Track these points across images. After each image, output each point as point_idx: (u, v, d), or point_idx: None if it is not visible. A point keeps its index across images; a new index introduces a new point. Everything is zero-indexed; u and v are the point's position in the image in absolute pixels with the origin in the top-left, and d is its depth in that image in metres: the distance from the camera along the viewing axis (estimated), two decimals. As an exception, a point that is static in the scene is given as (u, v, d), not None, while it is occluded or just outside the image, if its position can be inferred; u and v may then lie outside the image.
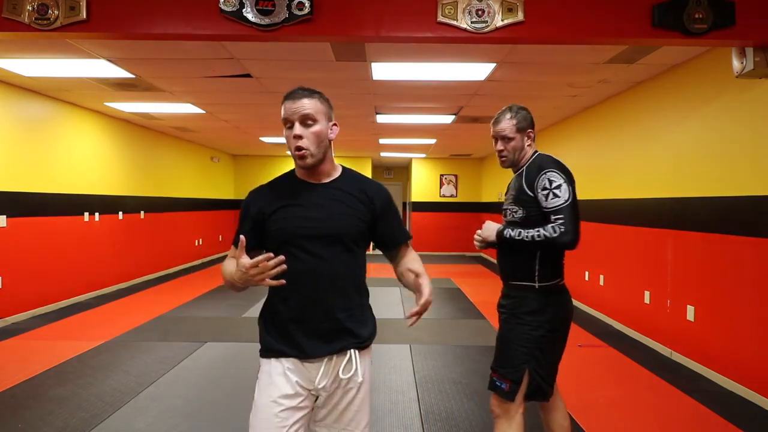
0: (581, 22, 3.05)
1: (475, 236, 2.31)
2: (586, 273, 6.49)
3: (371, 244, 1.82)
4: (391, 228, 1.76)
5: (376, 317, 1.77)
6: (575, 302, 6.64)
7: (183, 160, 10.22)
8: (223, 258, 1.84)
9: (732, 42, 3.17)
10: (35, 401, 3.53)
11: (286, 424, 1.59)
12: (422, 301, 1.62)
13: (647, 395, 3.76)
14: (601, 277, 6.13)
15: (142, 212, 8.50)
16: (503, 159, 2.33)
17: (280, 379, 1.62)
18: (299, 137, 1.60)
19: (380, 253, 1.84)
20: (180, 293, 7.48)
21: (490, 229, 2.27)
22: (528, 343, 2.18)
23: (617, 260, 5.75)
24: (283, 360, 1.63)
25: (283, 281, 1.50)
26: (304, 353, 1.62)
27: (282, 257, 1.49)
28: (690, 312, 4.37)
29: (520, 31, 3.03)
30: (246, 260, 1.50)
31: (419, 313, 1.61)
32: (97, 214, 7.23)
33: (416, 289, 1.67)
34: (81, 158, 6.92)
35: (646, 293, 5.06)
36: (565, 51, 4.26)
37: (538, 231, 2.11)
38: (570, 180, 2.17)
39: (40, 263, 6.06)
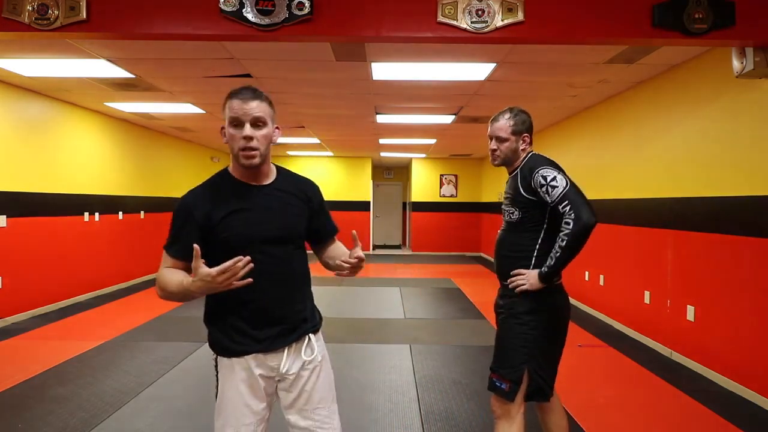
0: (581, 22, 3.06)
1: (520, 281, 2.19)
2: (586, 273, 6.49)
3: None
4: (324, 222, 1.87)
5: (377, 317, 1.81)
6: (575, 302, 6.65)
7: (183, 160, 10.22)
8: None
9: (732, 42, 3.17)
10: (35, 401, 3.53)
11: (254, 410, 1.70)
12: (357, 250, 1.67)
13: (647, 395, 3.76)
14: (601, 277, 6.13)
15: (142, 212, 8.50)
16: (494, 157, 2.35)
17: (244, 374, 1.69)
18: (250, 138, 1.60)
19: (381, 254, 1.87)
20: (180, 293, 7.48)
21: (532, 276, 2.16)
22: (527, 343, 2.18)
23: (617, 260, 5.75)
24: (247, 357, 1.68)
25: (251, 279, 1.51)
26: (267, 348, 1.68)
27: (249, 257, 1.49)
28: (690, 312, 4.37)
29: (520, 31, 3.03)
30: (206, 269, 1.47)
31: (356, 262, 1.66)
32: (97, 214, 7.23)
33: (345, 255, 1.72)
34: (81, 158, 6.92)
35: (646, 293, 5.06)
36: (565, 51, 4.26)
37: (560, 239, 2.07)
38: (562, 172, 2.17)
39: (40, 263, 6.06)
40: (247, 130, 1.60)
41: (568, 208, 2.06)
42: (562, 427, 2.39)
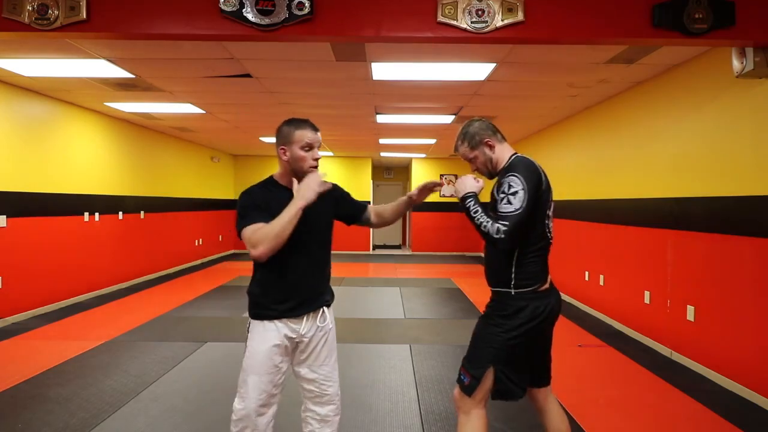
0: (581, 22, 3.06)
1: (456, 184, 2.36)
2: (586, 273, 6.49)
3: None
4: (352, 202, 2.40)
5: (377, 317, 1.83)
6: (575, 302, 6.64)
7: (183, 160, 10.22)
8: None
9: (732, 42, 3.17)
10: (35, 401, 3.53)
11: (276, 363, 2.13)
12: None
13: (647, 395, 3.76)
14: (601, 277, 6.13)
15: (142, 212, 8.50)
16: (481, 173, 2.46)
17: (273, 334, 2.13)
18: (317, 159, 2.17)
19: (381, 254, 1.94)
20: (180, 293, 7.48)
21: (465, 184, 2.30)
22: (496, 344, 2.19)
23: (617, 260, 5.75)
24: (275, 321, 2.14)
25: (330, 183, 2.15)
26: (295, 313, 2.15)
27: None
28: (690, 312, 4.37)
29: (520, 31, 3.03)
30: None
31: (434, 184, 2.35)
32: (97, 214, 7.23)
33: (407, 196, 2.35)
34: (81, 158, 6.92)
35: (646, 293, 5.06)
36: (565, 51, 4.26)
37: (487, 222, 2.10)
38: (531, 187, 2.13)
39: (40, 263, 6.06)
40: (317, 152, 2.16)
41: (504, 227, 2.05)
42: (562, 430, 2.38)
